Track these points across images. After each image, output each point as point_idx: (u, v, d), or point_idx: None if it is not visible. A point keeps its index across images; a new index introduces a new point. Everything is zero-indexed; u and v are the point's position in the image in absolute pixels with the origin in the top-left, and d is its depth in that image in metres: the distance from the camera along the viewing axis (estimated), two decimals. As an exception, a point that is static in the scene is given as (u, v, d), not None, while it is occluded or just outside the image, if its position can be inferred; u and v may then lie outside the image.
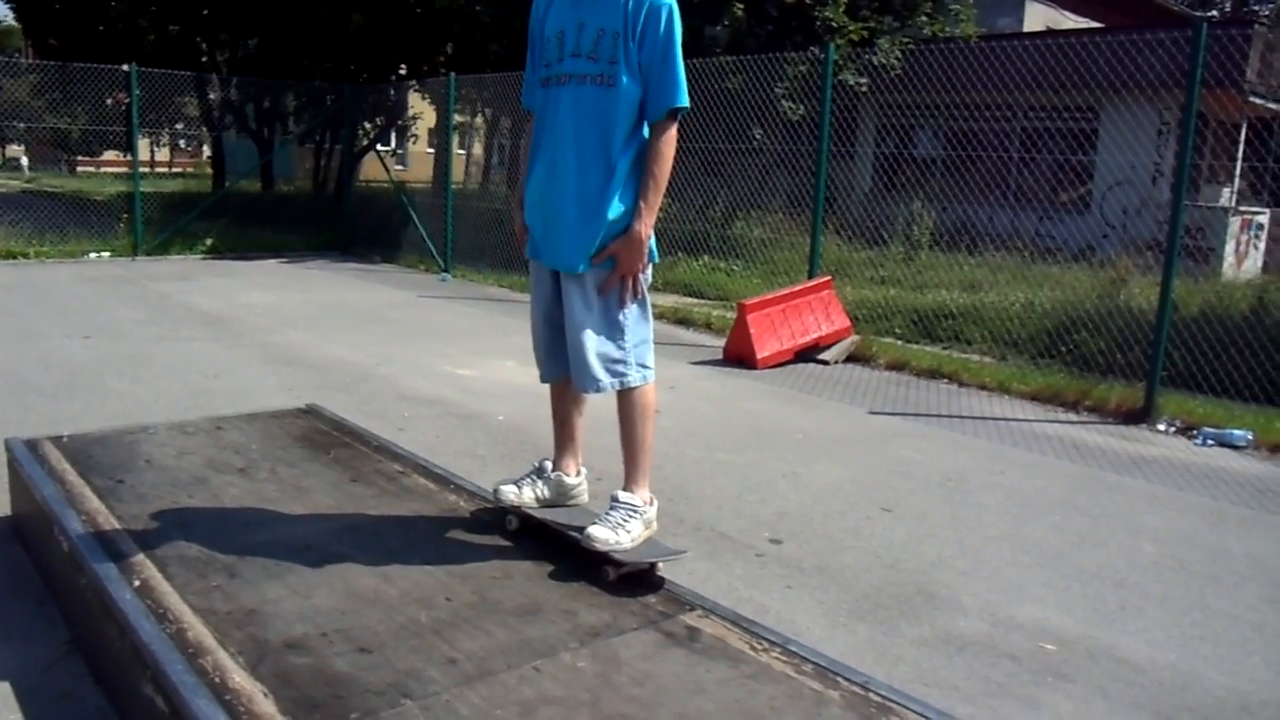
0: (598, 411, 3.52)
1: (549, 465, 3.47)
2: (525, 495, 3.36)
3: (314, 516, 3.32)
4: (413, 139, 25.58)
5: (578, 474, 3.50)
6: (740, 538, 4.33)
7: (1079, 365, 7.85)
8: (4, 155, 35.89)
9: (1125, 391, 6.77)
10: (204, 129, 21.79)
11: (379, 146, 19.57)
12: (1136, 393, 6.66)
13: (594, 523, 3.06)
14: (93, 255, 12.63)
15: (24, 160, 9.84)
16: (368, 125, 19.88)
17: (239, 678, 2.30)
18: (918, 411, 6.70)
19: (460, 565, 2.98)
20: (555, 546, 3.19)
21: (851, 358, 8.25)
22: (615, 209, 3.00)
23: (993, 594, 3.86)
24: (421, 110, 24.94)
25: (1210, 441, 6.08)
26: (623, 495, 3.18)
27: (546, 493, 3.40)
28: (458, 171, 18.47)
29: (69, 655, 3.06)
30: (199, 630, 2.52)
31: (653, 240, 3.13)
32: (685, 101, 2.95)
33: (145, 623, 2.51)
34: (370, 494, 3.57)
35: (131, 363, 6.99)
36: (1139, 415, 6.51)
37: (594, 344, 3.04)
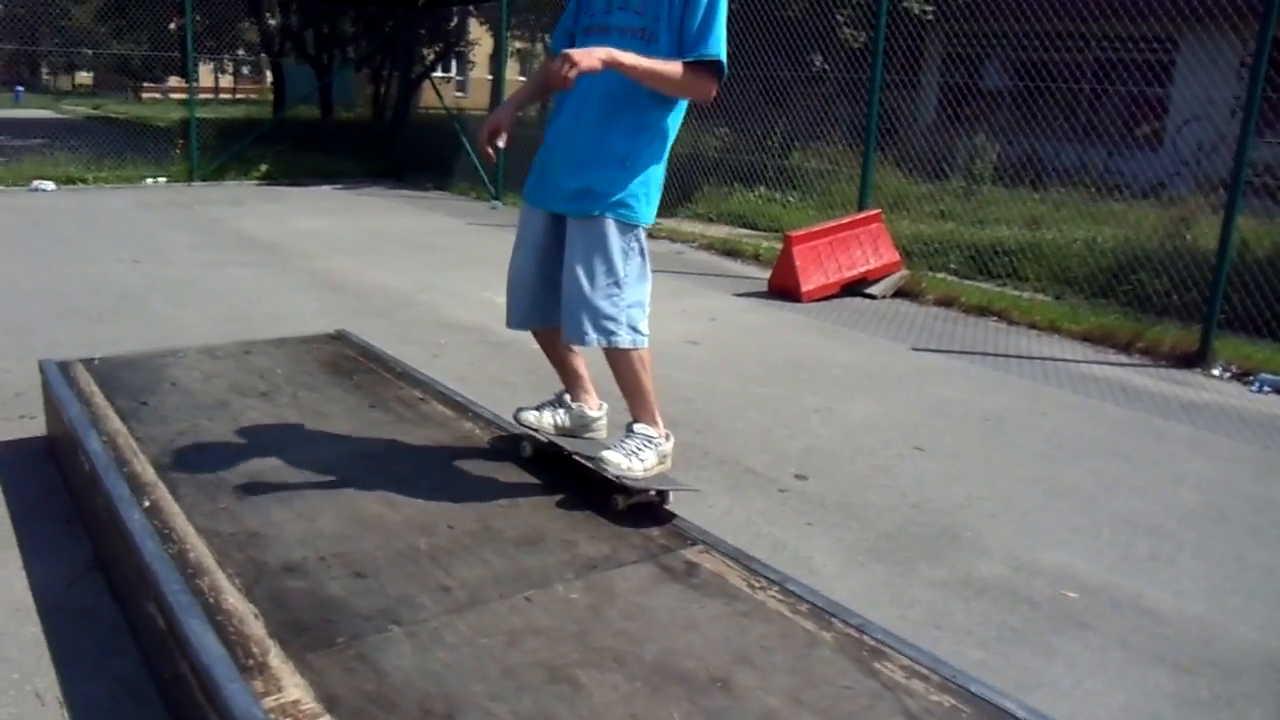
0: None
1: (569, 397, 3.45)
2: (545, 421, 3.34)
3: (329, 441, 3.34)
4: (471, 65, 25.39)
5: (599, 407, 3.47)
6: (765, 472, 4.28)
7: (1137, 306, 7.59)
8: (74, 82, 36.49)
9: (1180, 334, 6.52)
10: (264, 55, 21.85)
11: (438, 73, 19.45)
12: (1192, 335, 6.41)
13: (607, 448, 3.06)
14: (149, 181, 12.80)
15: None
16: (426, 51, 19.76)
17: (233, 599, 2.33)
18: (962, 349, 6.53)
19: (467, 493, 2.98)
20: (566, 476, 3.17)
21: (900, 293, 8.07)
22: (639, 159, 3.00)
23: (1019, 538, 3.77)
24: (480, 36, 24.71)
25: (1267, 388, 5.84)
26: (638, 426, 3.17)
27: (566, 421, 3.38)
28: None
29: (90, 572, 3.13)
30: (201, 551, 2.55)
31: (648, 204, 3.07)
32: (720, 53, 2.90)
33: (149, 542, 2.54)
34: (387, 420, 3.58)
35: (178, 287, 7.09)
36: (1193, 359, 6.27)
37: (589, 295, 2.98)
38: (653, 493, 3.04)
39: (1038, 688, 2.81)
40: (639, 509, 2.95)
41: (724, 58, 2.92)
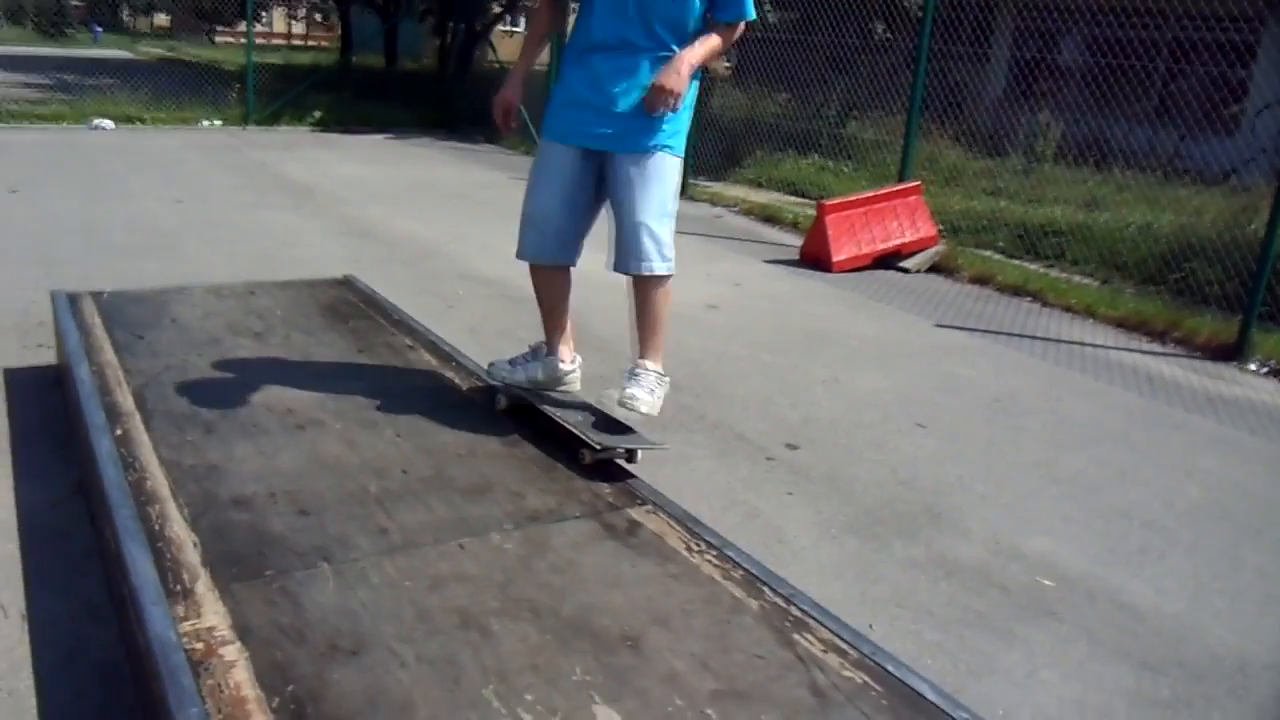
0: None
1: (544, 348, 3.45)
2: (518, 374, 3.36)
3: (308, 383, 3.38)
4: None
5: (572, 361, 3.47)
6: (756, 440, 4.24)
7: (1184, 295, 7.34)
8: (152, 24, 37.15)
9: (1219, 325, 6.30)
10: (332, 2, 22.01)
11: (506, 26, 19.41)
12: (1231, 327, 6.19)
13: (627, 386, 3.14)
14: (205, 123, 13.02)
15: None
16: (491, 4, 19.71)
17: (178, 527, 2.38)
18: (988, 328, 6.39)
19: (430, 440, 3.00)
20: (534, 429, 3.18)
21: (935, 268, 7.90)
22: (685, 98, 3.09)
23: (1005, 522, 3.69)
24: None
25: (1303, 386, 5.62)
26: (649, 364, 3.24)
27: (540, 375, 3.39)
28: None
29: (74, 496, 3.23)
30: (158, 480, 2.61)
31: (684, 141, 3.20)
32: (753, 14, 3.09)
33: (111, 469, 2.61)
34: (371, 365, 3.62)
35: (213, 227, 7.22)
36: (1229, 352, 6.05)
37: (651, 224, 3.08)
38: (621, 450, 3.04)
39: (989, 674, 2.77)
40: (603, 464, 2.95)
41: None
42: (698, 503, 3.58)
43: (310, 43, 35.08)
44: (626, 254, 3.12)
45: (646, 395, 3.12)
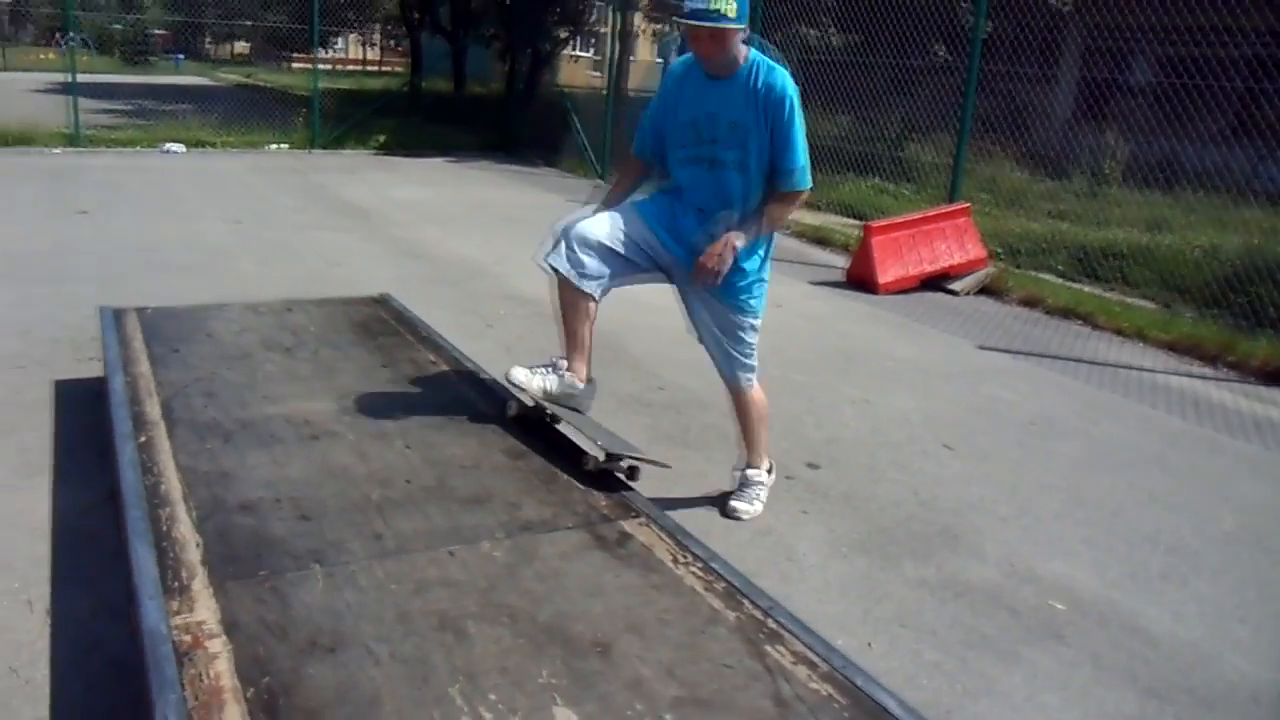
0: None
1: (564, 365, 3.52)
2: (534, 383, 3.43)
3: (329, 396, 3.50)
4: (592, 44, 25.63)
5: (588, 382, 3.53)
6: (777, 459, 4.21)
7: (1246, 318, 7.14)
8: (232, 51, 38.50)
9: (1273, 348, 6.12)
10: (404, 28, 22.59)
11: (574, 51, 19.72)
12: (1285, 351, 6.02)
13: (734, 499, 3.63)
14: (272, 147, 13.47)
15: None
16: (558, 31, 20.05)
17: (184, 529, 2.50)
18: (1032, 350, 6.29)
19: (437, 452, 3.08)
20: (542, 442, 3.24)
21: (984, 290, 7.81)
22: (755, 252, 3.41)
23: (1023, 544, 3.65)
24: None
25: (1359, 412, 5.43)
26: (752, 472, 3.71)
27: (554, 388, 3.46)
28: (635, 78, 18.43)
29: (106, 501, 3.38)
30: (172, 484, 2.73)
31: (764, 267, 3.49)
32: (808, 185, 3.30)
33: (129, 473, 2.75)
34: (392, 380, 3.72)
35: (268, 247, 7.47)
36: (1283, 376, 5.89)
37: (732, 354, 3.53)
38: (623, 465, 3.09)
39: (986, 695, 2.74)
40: (606, 475, 3.00)
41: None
42: (710, 520, 3.62)
43: (384, 68, 35.96)
44: (722, 365, 3.55)
45: (747, 506, 3.64)
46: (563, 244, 3.35)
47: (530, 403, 3.42)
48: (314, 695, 1.89)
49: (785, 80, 3.19)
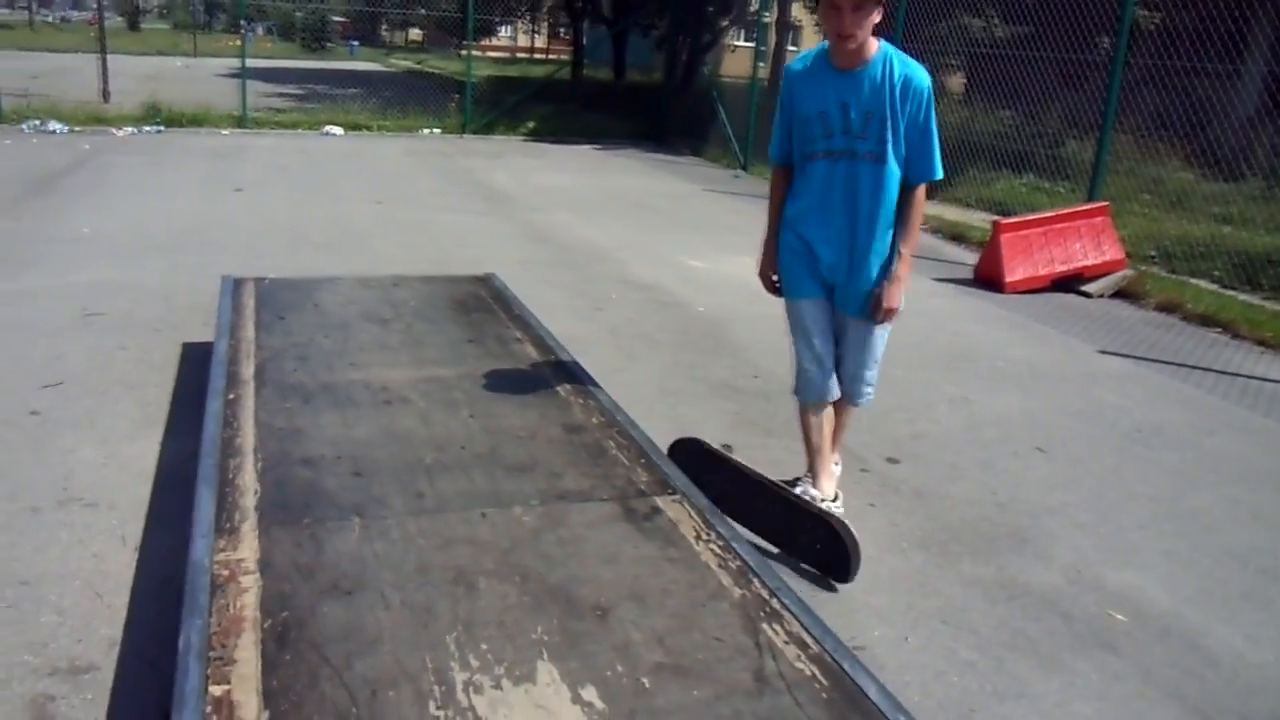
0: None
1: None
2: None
3: (412, 365, 3.71)
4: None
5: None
6: (857, 450, 4.22)
7: None
8: (406, 38, 40.22)
9: None
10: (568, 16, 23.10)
11: (740, 41, 19.75)
12: None
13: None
14: (425, 131, 14.06)
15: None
16: (721, 21, 20.10)
17: (247, 477, 2.73)
18: (1158, 357, 5.98)
19: (498, 422, 3.23)
20: (594, 420, 3.34)
21: (1120, 293, 7.45)
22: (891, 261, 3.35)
23: (1096, 552, 3.52)
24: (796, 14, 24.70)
25: None
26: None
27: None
28: (785, 69, 18.24)
29: (207, 451, 3.70)
30: (247, 437, 2.98)
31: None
32: (940, 174, 3.24)
33: (211, 425, 3.01)
34: (475, 353, 3.91)
35: (403, 228, 7.86)
36: None
37: (871, 368, 3.50)
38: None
39: (1015, 699, 2.69)
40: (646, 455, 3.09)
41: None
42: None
43: (551, 55, 36.84)
44: (853, 385, 3.53)
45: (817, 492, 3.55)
46: (822, 381, 3.50)
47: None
48: (322, 631, 2.06)
49: (923, 72, 3.15)
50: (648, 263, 7.37)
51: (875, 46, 3.16)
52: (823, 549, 3.20)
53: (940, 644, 2.92)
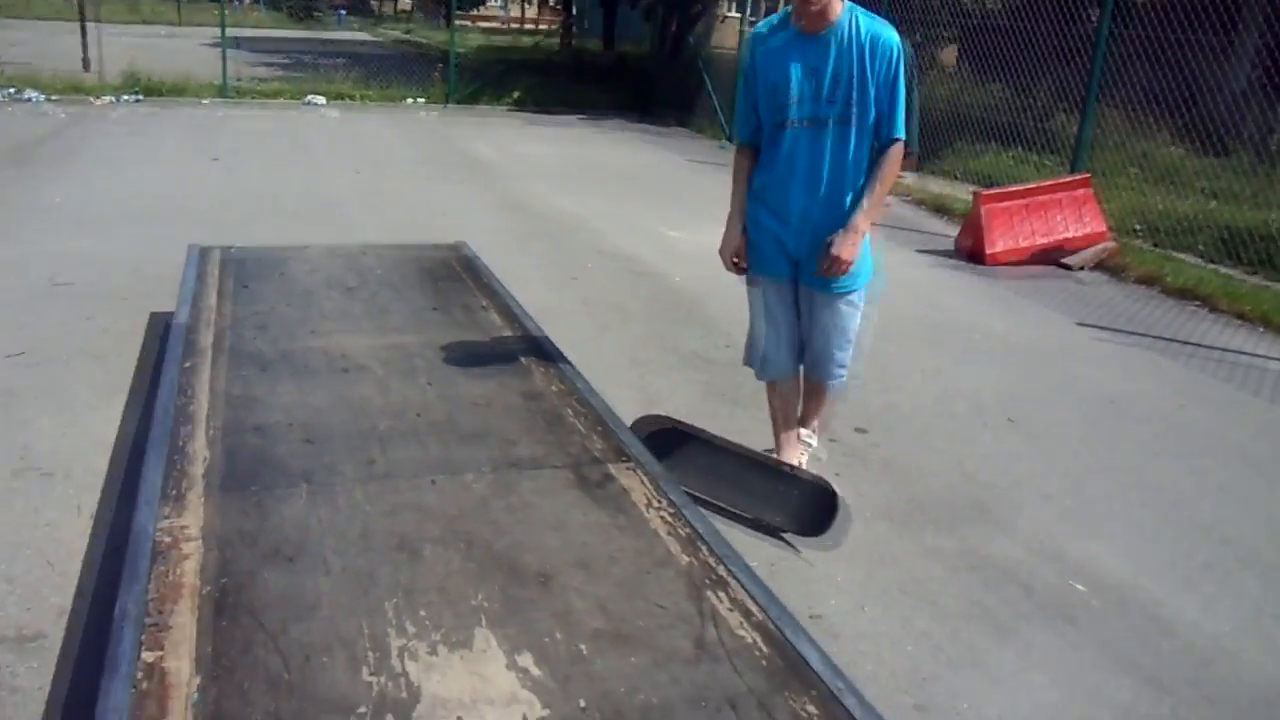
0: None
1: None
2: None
3: (372, 333, 3.68)
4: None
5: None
6: (828, 420, 4.20)
7: None
8: (396, 8, 39.84)
9: None
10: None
11: (732, 13, 19.55)
12: None
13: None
14: (409, 101, 13.94)
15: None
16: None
17: (197, 445, 2.70)
18: (1135, 330, 5.96)
19: (455, 389, 3.21)
20: (555, 387, 3.32)
21: (1101, 266, 7.42)
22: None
23: (1060, 524, 3.52)
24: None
25: None
26: (804, 433, 3.75)
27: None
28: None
29: (171, 419, 3.67)
30: (201, 405, 2.95)
31: (874, 260, 3.39)
32: (903, 133, 3.16)
33: (165, 395, 2.98)
34: (439, 321, 3.87)
35: (381, 198, 7.80)
36: None
37: (843, 348, 3.44)
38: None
39: (969, 668, 2.69)
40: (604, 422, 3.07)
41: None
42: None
43: (540, 26, 36.53)
44: (821, 365, 3.50)
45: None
46: (781, 359, 3.53)
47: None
48: (260, 596, 2.04)
49: (891, 30, 3.09)
50: (626, 233, 7.33)
51: (840, 7, 3.09)
52: (799, 507, 3.21)
53: (897, 614, 2.91)
